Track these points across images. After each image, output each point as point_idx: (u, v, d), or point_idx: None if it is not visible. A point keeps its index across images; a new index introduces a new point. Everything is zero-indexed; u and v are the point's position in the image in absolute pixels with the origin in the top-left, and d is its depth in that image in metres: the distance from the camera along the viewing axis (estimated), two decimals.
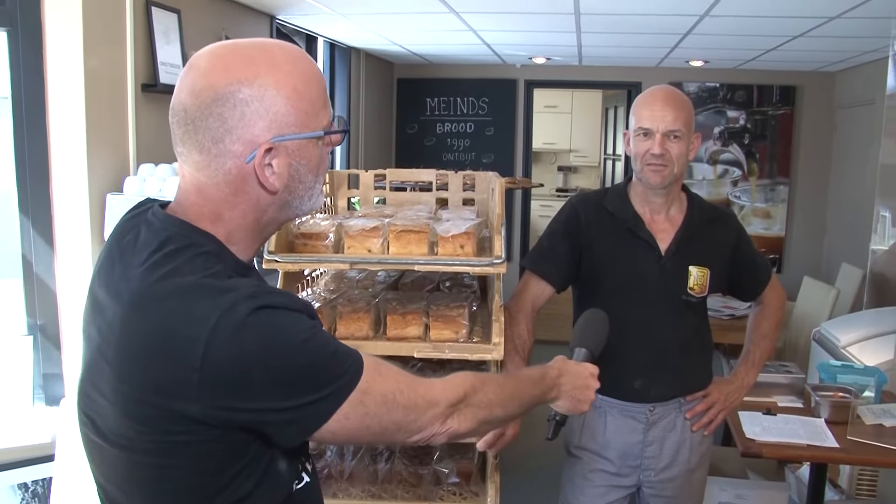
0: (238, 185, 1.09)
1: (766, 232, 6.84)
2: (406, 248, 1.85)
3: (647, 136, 2.09)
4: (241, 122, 1.05)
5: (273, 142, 1.07)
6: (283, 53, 1.10)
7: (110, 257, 1.12)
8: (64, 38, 2.60)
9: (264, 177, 1.08)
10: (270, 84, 1.06)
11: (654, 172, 2.10)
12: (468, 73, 7.03)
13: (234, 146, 1.06)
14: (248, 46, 1.09)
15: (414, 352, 1.83)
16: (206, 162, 1.07)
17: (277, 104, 1.07)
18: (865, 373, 3.07)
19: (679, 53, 5.72)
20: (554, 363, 1.52)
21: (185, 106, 1.07)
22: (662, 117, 2.07)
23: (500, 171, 3.30)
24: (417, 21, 4.62)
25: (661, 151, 2.06)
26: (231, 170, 1.07)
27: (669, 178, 2.11)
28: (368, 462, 2.06)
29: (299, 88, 1.09)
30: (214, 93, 1.05)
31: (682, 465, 2.24)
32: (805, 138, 6.74)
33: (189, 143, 1.08)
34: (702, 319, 2.27)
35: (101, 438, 1.07)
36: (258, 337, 0.98)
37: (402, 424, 1.13)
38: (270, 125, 1.07)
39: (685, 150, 2.10)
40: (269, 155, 1.07)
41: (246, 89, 1.05)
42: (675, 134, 2.07)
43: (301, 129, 1.09)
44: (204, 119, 1.05)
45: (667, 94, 2.13)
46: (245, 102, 1.05)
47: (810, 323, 4.63)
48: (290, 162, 1.10)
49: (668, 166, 2.08)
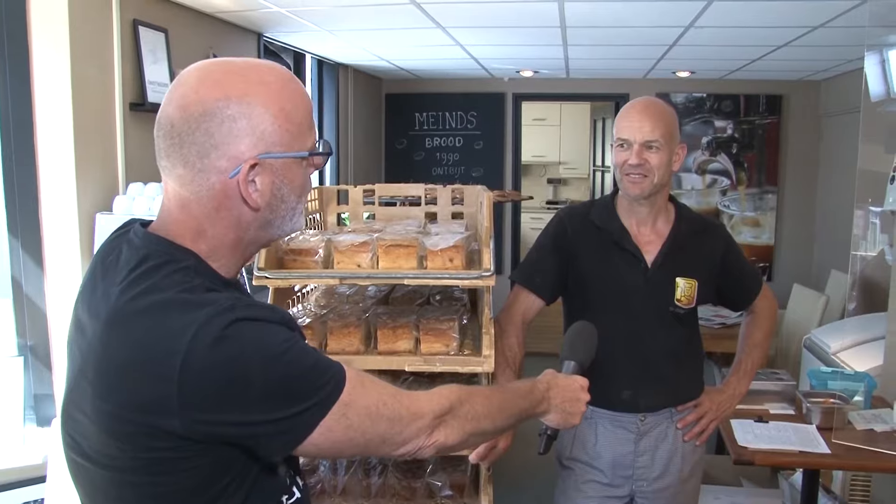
0: (221, 201, 1.09)
1: (756, 240, 6.87)
2: (395, 263, 1.86)
3: (625, 147, 2.11)
4: (227, 137, 1.06)
5: (258, 158, 1.07)
6: (272, 73, 1.11)
7: (93, 278, 1.12)
8: (51, 58, 2.60)
9: (247, 193, 1.08)
10: (259, 102, 1.07)
11: (632, 183, 2.11)
12: (456, 88, 7.06)
13: (220, 162, 1.06)
14: (238, 64, 1.10)
15: (405, 365, 1.83)
16: (190, 177, 1.08)
17: (265, 122, 1.07)
18: (856, 378, 3.08)
19: (665, 64, 5.76)
20: (543, 377, 1.52)
21: (171, 120, 1.07)
22: (640, 128, 2.08)
23: (489, 184, 3.32)
24: (404, 37, 4.65)
25: (637, 161, 2.07)
26: (215, 185, 1.08)
27: (649, 189, 2.11)
28: (361, 476, 2.06)
29: (287, 109, 1.09)
30: (203, 107, 1.05)
31: (675, 475, 2.24)
32: (792, 147, 6.79)
33: (174, 157, 1.08)
34: (691, 330, 2.26)
35: (84, 459, 1.07)
36: (236, 350, 0.98)
37: (387, 437, 1.13)
38: (257, 143, 1.07)
39: (665, 160, 2.10)
40: (253, 172, 1.08)
41: (234, 106, 1.06)
42: (652, 144, 2.07)
43: (286, 148, 1.10)
44: (191, 133, 1.06)
45: (645, 106, 2.14)
46: (233, 119, 1.06)
47: (801, 330, 4.65)
48: (273, 180, 1.10)
49: (647, 177, 2.09)
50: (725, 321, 4.97)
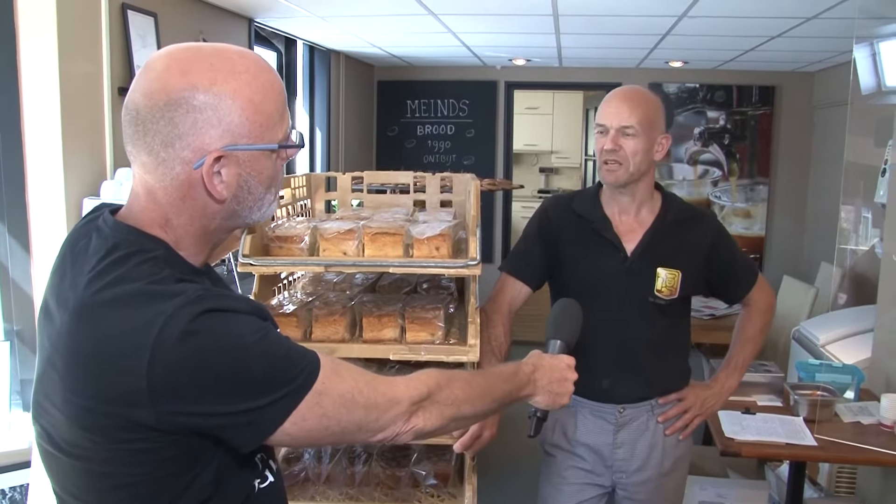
0: (185, 191, 1.07)
1: (747, 232, 6.88)
2: (381, 251, 1.84)
3: (602, 133, 2.10)
4: (192, 128, 1.03)
5: (224, 150, 1.05)
6: (242, 62, 1.08)
7: (63, 265, 1.10)
8: (38, 41, 2.58)
9: (212, 185, 1.06)
10: (227, 93, 1.04)
11: (608, 171, 2.09)
12: (448, 75, 7.03)
13: (184, 152, 1.04)
14: (207, 52, 1.07)
15: (390, 354, 1.82)
16: (154, 165, 1.06)
17: (232, 114, 1.05)
18: (844, 371, 3.10)
19: (658, 54, 5.75)
20: (528, 359, 1.50)
21: (137, 106, 1.05)
22: (617, 113, 2.06)
23: (481, 172, 3.30)
24: (396, 23, 4.62)
25: (612, 147, 2.05)
26: (179, 175, 1.06)
27: (624, 177, 2.09)
28: (346, 465, 2.05)
29: (256, 100, 1.07)
30: (168, 96, 1.03)
31: (655, 469, 2.21)
32: (784, 138, 6.80)
33: (138, 144, 1.06)
34: (675, 321, 2.22)
35: (55, 449, 1.06)
36: (205, 340, 0.97)
37: (363, 424, 1.12)
38: (223, 134, 1.05)
39: (642, 147, 2.06)
40: (218, 164, 1.06)
41: (201, 95, 1.03)
42: (628, 130, 2.05)
43: (254, 140, 1.07)
44: (155, 122, 1.04)
45: (625, 92, 2.12)
46: (198, 109, 1.03)
47: (790, 322, 4.66)
48: (239, 172, 1.08)
49: (622, 164, 2.07)
50: (714, 312, 4.98)
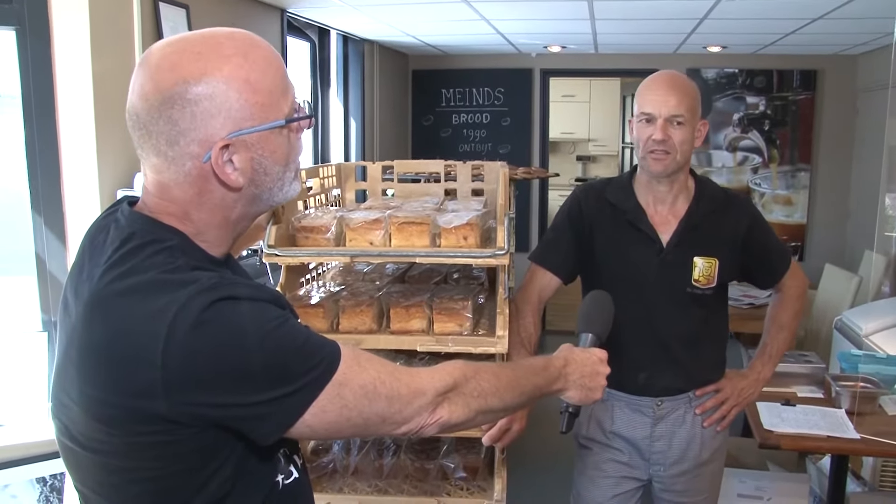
0: (201, 186, 1.06)
1: (788, 219, 6.75)
2: (408, 241, 1.82)
3: (649, 122, 2.04)
4: (192, 122, 1.02)
5: (229, 138, 1.03)
6: (232, 44, 1.05)
7: (82, 258, 1.10)
8: (72, 35, 2.60)
9: (225, 175, 1.05)
10: (220, 79, 1.02)
11: (655, 160, 2.05)
12: (483, 64, 6.99)
13: (191, 147, 1.03)
14: (195, 41, 1.04)
15: (417, 345, 1.81)
16: (164, 165, 1.05)
17: (230, 99, 1.03)
18: (888, 362, 3.02)
19: (696, 39, 5.64)
20: (560, 352, 1.46)
21: (136, 110, 1.04)
22: (665, 101, 2.02)
23: (517, 161, 3.26)
24: (429, 11, 4.59)
25: (662, 137, 2.01)
26: (191, 171, 1.04)
27: (672, 167, 2.05)
28: (374, 456, 2.05)
29: (252, 80, 1.04)
30: (161, 95, 1.01)
31: (692, 461, 2.19)
32: (826, 123, 6.64)
33: (146, 147, 1.05)
34: (713, 310, 2.18)
35: (74, 444, 1.05)
36: (218, 329, 0.95)
37: (387, 416, 1.09)
38: (225, 122, 1.03)
39: (689, 136, 2.04)
40: (227, 152, 1.04)
41: (194, 88, 1.01)
42: (677, 119, 2.01)
43: (259, 121, 1.05)
44: (155, 123, 1.02)
45: (670, 78, 2.08)
46: (194, 102, 1.01)
47: (832, 311, 4.56)
48: (251, 156, 1.06)
49: (670, 153, 2.03)
50: (754, 301, 4.88)
